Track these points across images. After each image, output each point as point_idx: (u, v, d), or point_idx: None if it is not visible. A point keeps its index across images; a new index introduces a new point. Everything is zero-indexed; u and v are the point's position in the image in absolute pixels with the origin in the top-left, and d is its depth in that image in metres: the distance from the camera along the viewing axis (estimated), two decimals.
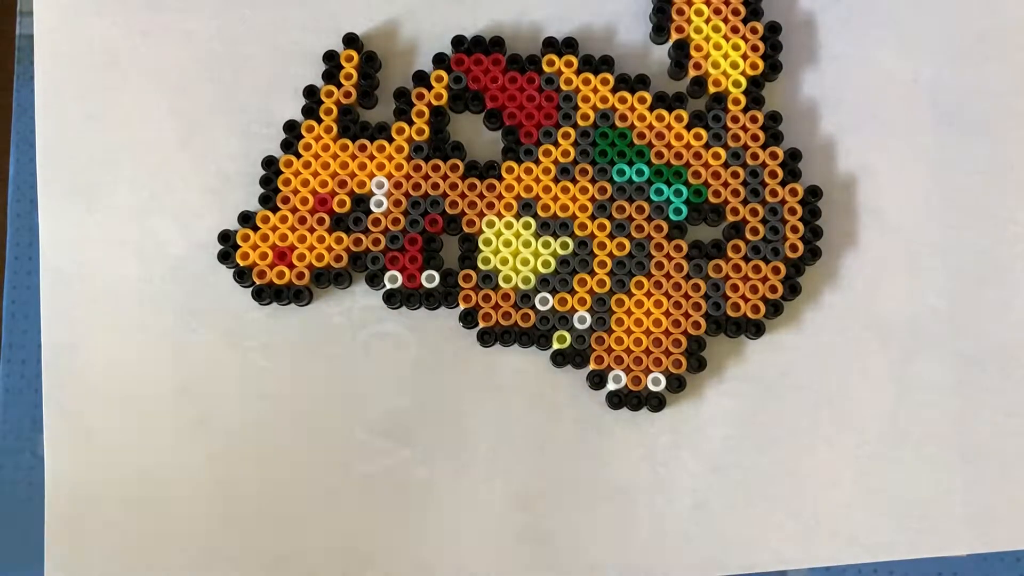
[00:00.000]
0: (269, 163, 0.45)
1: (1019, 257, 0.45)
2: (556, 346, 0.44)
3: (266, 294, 0.45)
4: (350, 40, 0.46)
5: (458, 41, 0.46)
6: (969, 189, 0.46)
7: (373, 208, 0.45)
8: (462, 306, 0.44)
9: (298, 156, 0.45)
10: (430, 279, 0.44)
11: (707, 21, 0.46)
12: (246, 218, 0.45)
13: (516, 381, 0.45)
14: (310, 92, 0.46)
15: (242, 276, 0.45)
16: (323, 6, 0.47)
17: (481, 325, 0.44)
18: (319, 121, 0.45)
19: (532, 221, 0.45)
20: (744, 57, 0.45)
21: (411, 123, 0.45)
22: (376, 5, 0.47)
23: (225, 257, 0.45)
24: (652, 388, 0.44)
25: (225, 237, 0.45)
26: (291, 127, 0.46)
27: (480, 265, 0.45)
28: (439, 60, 0.46)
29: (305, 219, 0.45)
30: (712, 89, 0.45)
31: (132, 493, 0.44)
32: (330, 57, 0.46)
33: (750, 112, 0.45)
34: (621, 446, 0.44)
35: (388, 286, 0.45)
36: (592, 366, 0.44)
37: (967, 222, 0.46)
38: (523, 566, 0.44)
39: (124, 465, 0.44)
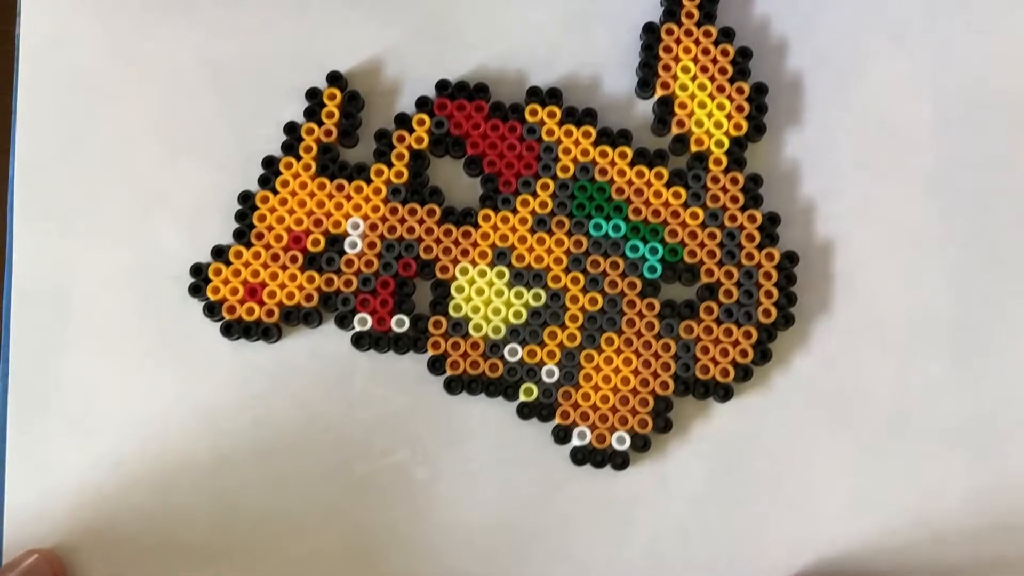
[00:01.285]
0: (245, 198, 0.45)
1: (1004, 344, 0.45)
2: (523, 398, 0.44)
3: (235, 330, 0.44)
4: (334, 78, 0.46)
5: (442, 85, 0.46)
6: (948, 262, 0.45)
7: (347, 249, 0.45)
8: (431, 352, 0.44)
9: (275, 192, 0.45)
10: (400, 323, 0.44)
11: (693, 79, 0.45)
12: (219, 252, 0.45)
13: (481, 430, 0.44)
14: (291, 128, 0.46)
15: (212, 310, 0.44)
16: (309, 41, 0.47)
17: (448, 373, 0.44)
18: (298, 158, 0.45)
19: (506, 270, 0.45)
20: (728, 117, 0.45)
21: (390, 165, 0.45)
22: (362, 43, 0.47)
23: (196, 290, 0.45)
24: (616, 447, 0.43)
25: (197, 270, 0.45)
26: (270, 162, 0.45)
27: (451, 312, 0.44)
28: (422, 103, 0.46)
29: (278, 256, 0.45)
30: (694, 148, 0.45)
31: (93, 523, 0.44)
32: (313, 94, 0.46)
33: (731, 173, 0.45)
34: (583, 502, 0.44)
35: (357, 328, 0.44)
36: (558, 420, 0.44)
37: (943, 297, 0.45)
38: None
39: (85, 493, 0.44)
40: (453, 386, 0.44)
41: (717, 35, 0.45)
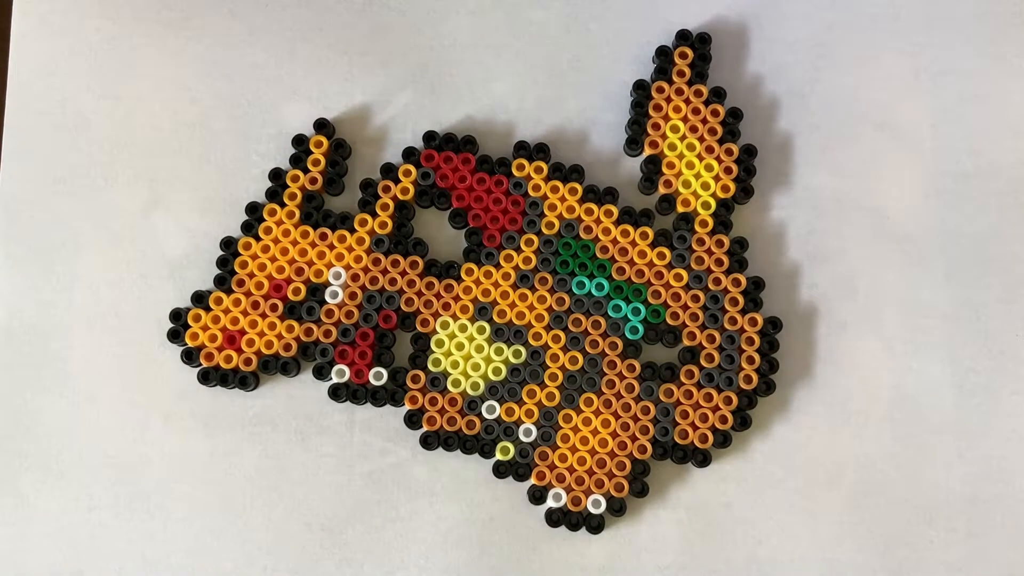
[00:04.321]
0: (227, 244, 0.45)
1: (982, 423, 0.44)
2: (499, 457, 0.43)
3: (212, 377, 0.44)
4: (320, 125, 0.46)
5: (429, 136, 0.45)
6: (932, 332, 0.45)
7: (328, 299, 0.44)
8: (408, 407, 0.44)
9: (258, 239, 0.45)
10: (378, 376, 0.44)
11: (682, 138, 0.45)
12: (199, 298, 0.44)
13: (455, 487, 0.44)
14: (276, 175, 0.45)
15: (190, 357, 0.44)
16: (297, 87, 0.46)
17: (425, 428, 0.44)
18: (282, 205, 0.45)
19: (487, 326, 0.44)
20: (716, 179, 0.45)
21: (375, 215, 0.45)
22: (350, 90, 0.46)
23: (175, 336, 0.44)
24: (592, 510, 0.43)
25: (176, 315, 0.44)
26: (253, 209, 0.45)
27: (430, 366, 0.44)
28: (409, 154, 0.45)
29: (258, 304, 0.44)
30: (680, 208, 0.45)
31: (63, 569, 0.44)
32: (299, 141, 0.45)
33: (716, 236, 0.44)
34: (556, 565, 0.44)
35: (335, 380, 0.44)
36: (533, 481, 0.43)
37: (927, 367, 0.45)
38: None
39: (57, 537, 0.44)
40: (429, 441, 0.44)
41: (708, 95, 0.45)
